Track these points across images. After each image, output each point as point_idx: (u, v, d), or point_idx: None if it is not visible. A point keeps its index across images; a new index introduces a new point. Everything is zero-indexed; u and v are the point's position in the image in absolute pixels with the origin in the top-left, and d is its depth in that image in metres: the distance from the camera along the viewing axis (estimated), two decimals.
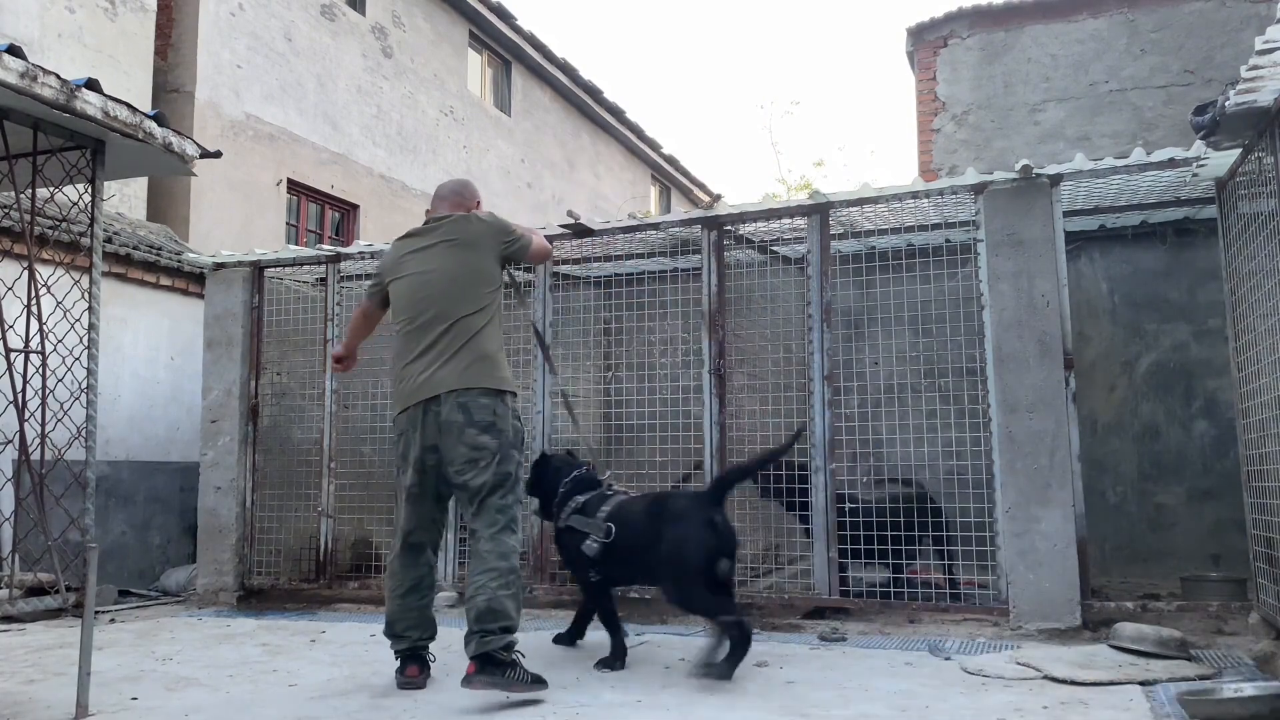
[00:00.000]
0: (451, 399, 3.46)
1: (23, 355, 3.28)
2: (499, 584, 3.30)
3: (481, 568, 3.35)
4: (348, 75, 10.89)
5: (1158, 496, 5.98)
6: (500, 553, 3.37)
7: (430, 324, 3.58)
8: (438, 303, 3.59)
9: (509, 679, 3.20)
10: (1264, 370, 3.80)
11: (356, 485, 6.15)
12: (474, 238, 3.69)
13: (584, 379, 5.93)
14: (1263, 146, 3.67)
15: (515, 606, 3.33)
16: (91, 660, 3.23)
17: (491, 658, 3.22)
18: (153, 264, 7.09)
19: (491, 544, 3.38)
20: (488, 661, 3.22)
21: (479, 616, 3.27)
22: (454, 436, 3.45)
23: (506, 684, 3.20)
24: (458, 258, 3.64)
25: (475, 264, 3.65)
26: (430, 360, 3.53)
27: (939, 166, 8.96)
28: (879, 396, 5.35)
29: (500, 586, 3.29)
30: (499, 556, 3.36)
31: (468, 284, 3.61)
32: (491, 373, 3.53)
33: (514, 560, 3.40)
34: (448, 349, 3.52)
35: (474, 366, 3.50)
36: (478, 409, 3.45)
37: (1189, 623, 4.26)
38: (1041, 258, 4.61)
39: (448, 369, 3.49)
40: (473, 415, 3.44)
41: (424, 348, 3.56)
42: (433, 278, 3.63)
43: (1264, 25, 3.22)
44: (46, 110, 3.14)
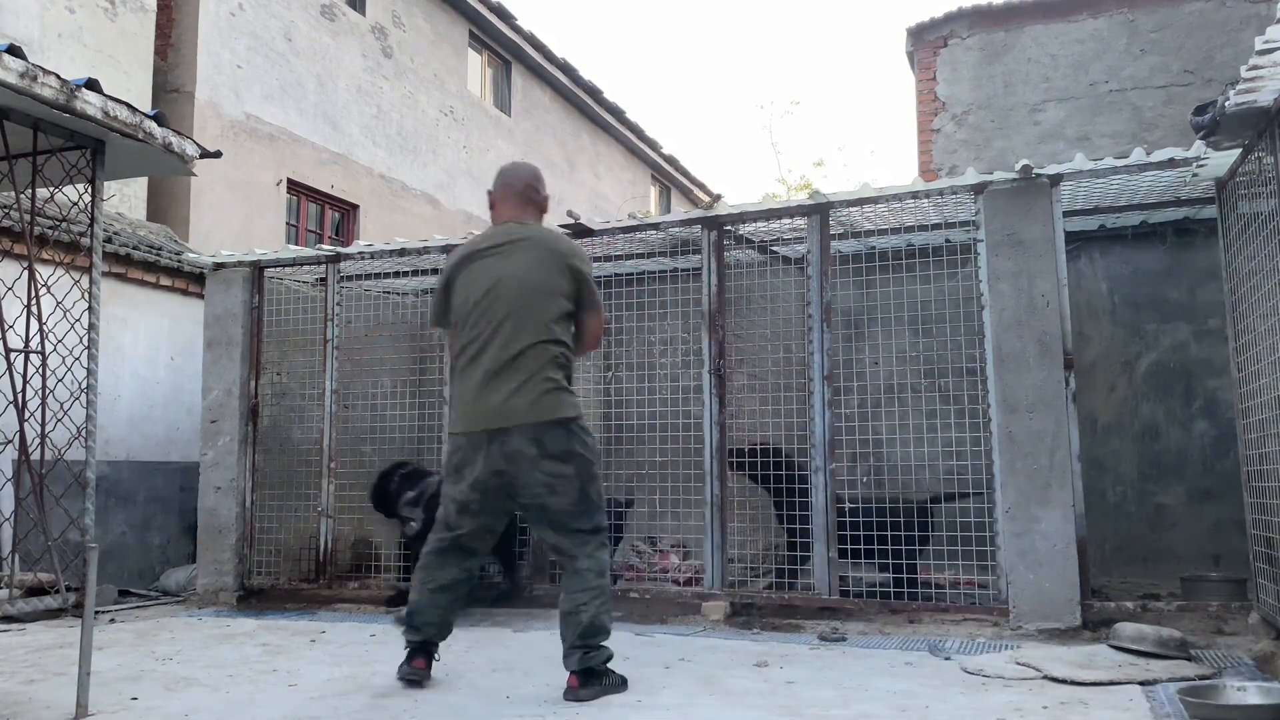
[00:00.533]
0: (522, 431, 3.35)
1: (23, 355, 3.28)
2: (600, 601, 3.35)
3: (581, 585, 3.36)
4: (348, 75, 10.89)
5: (1158, 496, 5.98)
6: (598, 570, 3.40)
7: (499, 342, 3.43)
8: (509, 318, 3.43)
9: (607, 686, 3.34)
10: (1264, 370, 3.80)
11: (356, 485, 6.14)
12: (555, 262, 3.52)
13: (584, 379, 5.93)
14: (1263, 146, 3.66)
15: (610, 618, 3.41)
16: (91, 660, 3.22)
17: (594, 671, 3.32)
18: (153, 264, 7.09)
19: (589, 561, 3.40)
20: (590, 675, 3.32)
21: (584, 633, 3.30)
22: (528, 465, 3.35)
23: (605, 691, 3.33)
24: (534, 271, 3.49)
25: (552, 284, 3.49)
26: (499, 384, 3.39)
27: (939, 166, 8.96)
28: (879, 396, 5.35)
29: (602, 604, 3.35)
30: (597, 574, 3.39)
31: (544, 300, 3.46)
32: (563, 401, 3.42)
33: (609, 576, 3.48)
34: (517, 373, 3.39)
35: (547, 397, 3.38)
36: (552, 440, 3.36)
37: (1189, 623, 4.26)
38: (1041, 258, 4.61)
39: (518, 398, 3.36)
40: (547, 447, 3.35)
41: (493, 367, 3.42)
42: (505, 288, 3.46)
43: (1264, 25, 3.22)
44: (46, 110, 3.14)
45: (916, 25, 9.35)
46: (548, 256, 3.52)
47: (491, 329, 3.43)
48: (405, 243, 6.20)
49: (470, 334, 3.49)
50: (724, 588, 5.05)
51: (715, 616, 4.95)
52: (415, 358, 6.79)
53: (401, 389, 6.39)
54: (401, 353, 6.76)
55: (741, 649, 4.27)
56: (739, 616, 4.96)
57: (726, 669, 3.81)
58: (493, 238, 3.63)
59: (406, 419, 6.29)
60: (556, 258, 3.52)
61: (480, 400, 3.40)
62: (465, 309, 3.52)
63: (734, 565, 5.17)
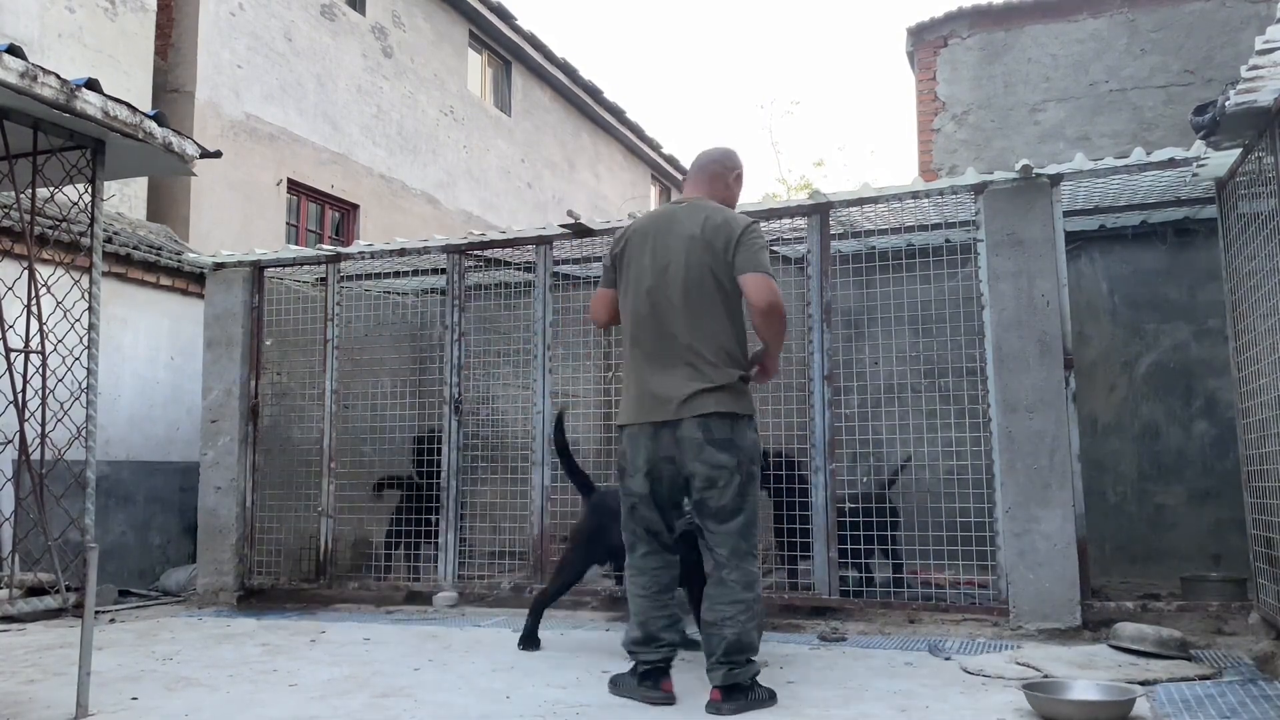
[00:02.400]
0: (693, 422, 3.26)
1: (23, 355, 3.28)
2: (746, 616, 3.19)
3: (728, 598, 3.20)
4: (348, 75, 10.89)
5: (1158, 496, 5.98)
6: (746, 582, 3.22)
7: (670, 332, 3.33)
8: (676, 308, 3.32)
9: (752, 701, 3.19)
10: (1264, 370, 3.80)
11: (356, 485, 6.15)
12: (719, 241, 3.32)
13: (584, 379, 5.93)
14: (1263, 146, 3.66)
15: (759, 635, 3.27)
16: (91, 660, 3.23)
17: (738, 686, 3.19)
18: (153, 264, 7.09)
19: (737, 573, 3.22)
20: (735, 690, 3.19)
21: (729, 649, 3.18)
22: (692, 453, 3.24)
23: (750, 706, 3.18)
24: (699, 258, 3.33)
25: (715, 269, 3.32)
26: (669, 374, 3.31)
27: (939, 166, 8.96)
28: (879, 396, 5.35)
29: (749, 619, 3.19)
30: (744, 587, 3.21)
31: (711, 289, 3.31)
32: (737, 398, 3.30)
33: (758, 589, 3.26)
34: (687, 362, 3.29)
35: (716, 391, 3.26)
36: (719, 428, 3.24)
37: (1189, 623, 4.26)
38: (1041, 258, 4.61)
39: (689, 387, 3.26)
40: (713, 433, 3.22)
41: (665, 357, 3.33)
42: (672, 275, 3.34)
43: (1264, 25, 3.22)
44: (46, 110, 3.14)
45: (916, 25, 9.35)
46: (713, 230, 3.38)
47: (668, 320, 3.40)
48: (405, 243, 6.20)
49: (635, 320, 3.47)
50: None
51: None
52: (415, 358, 6.80)
53: (401, 389, 6.39)
54: (401, 353, 6.77)
55: None
56: None
57: None
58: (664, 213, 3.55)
59: (406, 419, 6.29)
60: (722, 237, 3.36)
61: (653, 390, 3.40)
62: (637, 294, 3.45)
63: None
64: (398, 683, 3.67)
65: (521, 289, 6.11)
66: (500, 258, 6.12)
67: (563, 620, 5.13)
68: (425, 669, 3.93)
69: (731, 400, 3.26)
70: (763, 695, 3.23)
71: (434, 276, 6.45)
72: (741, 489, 3.24)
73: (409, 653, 4.29)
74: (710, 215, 3.38)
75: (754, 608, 3.21)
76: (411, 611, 5.55)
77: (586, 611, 5.25)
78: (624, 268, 3.50)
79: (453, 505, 5.75)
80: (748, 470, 3.26)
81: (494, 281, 6.46)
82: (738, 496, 3.23)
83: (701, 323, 3.30)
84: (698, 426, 3.22)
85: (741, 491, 3.24)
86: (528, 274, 5.99)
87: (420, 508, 5.96)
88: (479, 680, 3.70)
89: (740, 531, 3.24)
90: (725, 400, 3.24)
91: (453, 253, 5.95)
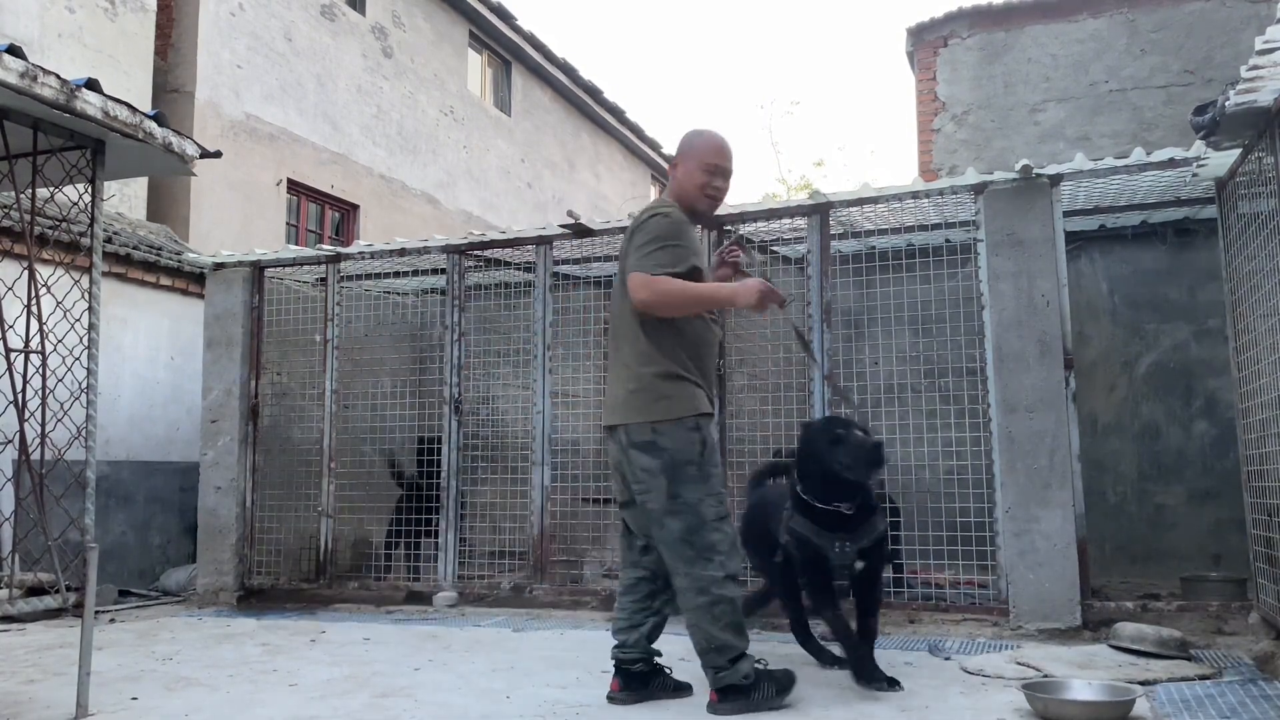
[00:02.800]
0: (621, 428, 3.26)
1: (23, 355, 3.28)
2: (708, 619, 3.10)
3: (685, 605, 3.14)
4: (348, 75, 10.89)
5: (1158, 496, 5.98)
6: (697, 588, 3.10)
7: (614, 337, 3.38)
8: (614, 313, 3.42)
9: (755, 701, 3.11)
10: (1264, 370, 3.80)
11: (356, 485, 6.15)
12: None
13: (584, 379, 5.93)
14: (1263, 146, 3.66)
15: (734, 634, 3.12)
16: (91, 660, 3.23)
17: (734, 687, 3.13)
18: (153, 264, 7.09)
19: (686, 580, 3.13)
20: (731, 691, 3.13)
21: (702, 654, 3.14)
22: (625, 459, 3.28)
23: (753, 706, 3.11)
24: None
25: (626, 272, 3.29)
26: (611, 379, 3.35)
27: (939, 166, 8.96)
28: (879, 396, 5.35)
29: (710, 622, 3.09)
30: (697, 591, 3.11)
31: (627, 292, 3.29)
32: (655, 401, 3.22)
33: (717, 590, 3.10)
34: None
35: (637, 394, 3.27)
36: (637, 431, 3.20)
37: (1189, 623, 4.26)
38: (1041, 258, 4.61)
39: (617, 393, 3.31)
40: (633, 437, 3.19)
41: (611, 362, 3.37)
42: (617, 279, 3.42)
43: (1264, 25, 3.22)
44: (46, 110, 3.14)
45: (916, 25, 9.35)
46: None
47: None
48: (405, 243, 6.21)
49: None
50: None
51: None
52: (415, 358, 6.80)
53: (401, 389, 6.40)
54: (401, 353, 6.77)
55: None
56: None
57: None
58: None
59: (406, 419, 6.29)
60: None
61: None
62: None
63: None
64: (398, 683, 3.67)
65: (521, 289, 6.11)
66: (500, 258, 6.13)
67: (562, 620, 5.14)
68: (425, 669, 3.93)
69: (650, 403, 3.16)
70: (769, 693, 3.14)
71: (434, 276, 6.45)
72: (671, 492, 3.12)
73: (409, 653, 4.29)
74: (638, 214, 3.38)
75: (714, 610, 3.09)
76: (411, 611, 5.55)
77: (586, 611, 5.25)
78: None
79: (453, 505, 5.75)
80: (674, 473, 3.12)
81: (494, 281, 6.46)
82: (668, 500, 3.12)
83: (623, 327, 3.30)
84: (624, 431, 3.22)
85: (672, 494, 3.12)
86: (528, 274, 5.98)
87: (421, 507, 5.96)
88: (479, 680, 3.70)
89: (681, 536, 3.12)
90: (642, 404, 3.17)
91: (453, 253, 5.95)
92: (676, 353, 3.21)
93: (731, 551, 3.17)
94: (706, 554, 3.11)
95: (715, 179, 3.35)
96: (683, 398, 3.17)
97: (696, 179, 3.33)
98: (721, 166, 3.35)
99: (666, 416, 3.14)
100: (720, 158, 3.35)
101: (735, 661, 3.12)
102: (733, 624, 3.12)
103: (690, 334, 3.26)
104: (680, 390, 3.18)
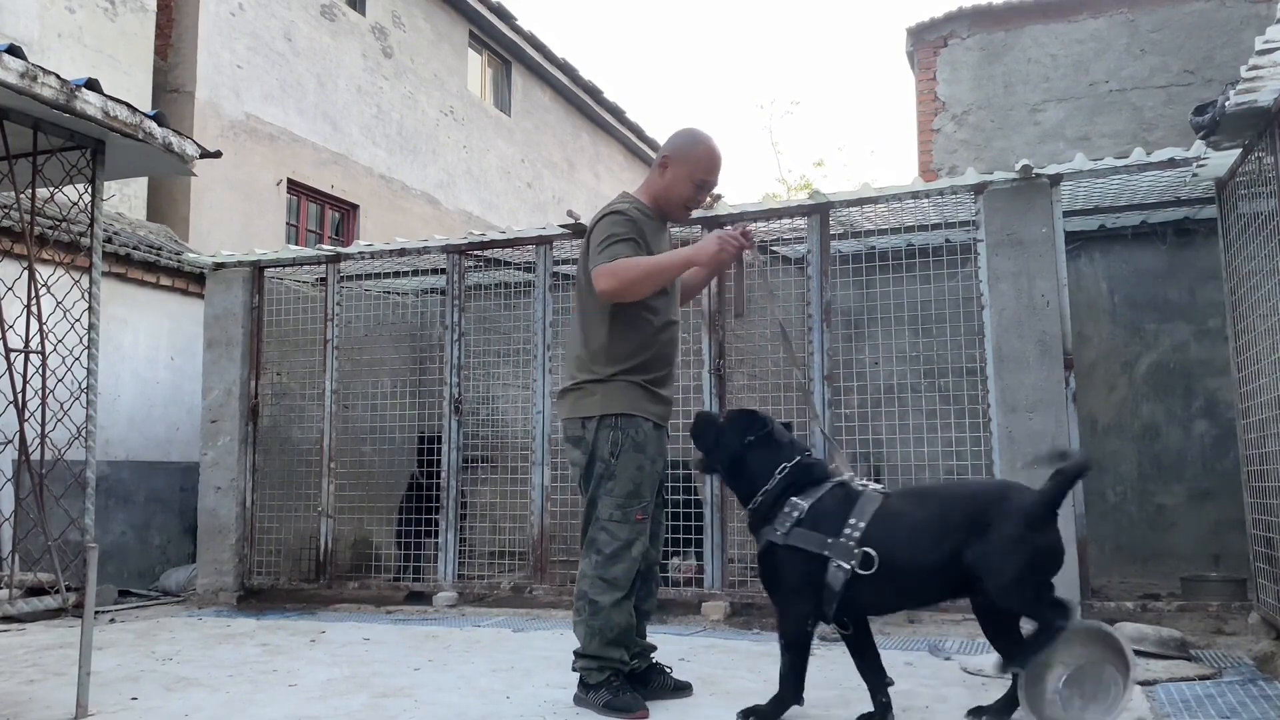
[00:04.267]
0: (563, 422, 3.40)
1: (23, 355, 3.28)
2: (575, 610, 3.24)
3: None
4: (348, 75, 10.89)
5: (1158, 496, 5.98)
6: (581, 572, 3.24)
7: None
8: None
9: (589, 700, 3.19)
10: (1264, 370, 3.80)
11: (356, 485, 6.15)
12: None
13: None
14: (1263, 146, 3.66)
15: (584, 632, 3.18)
16: (91, 660, 3.23)
17: (581, 679, 3.24)
18: (153, 264, 7.09)
19: (584, 562, 3.24)
20: (580, 681, 3.25)
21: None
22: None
23: (585, 704, 3.21)
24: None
25: (581, 271, 3.37)
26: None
27: (939, 166, 8.96)
28: (879, 396, 5.35)
29: (576, 612, 3.23)
30: (580, 576, 3.24)
31: (582, 289, 3.36)
32: (584, 398, 3.32)
33: (583, 585, 3.19)
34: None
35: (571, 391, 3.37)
36: (570, 427, 3.33)
37: (1189, 623, 4.26)
38: (1041, 258, 4.61)
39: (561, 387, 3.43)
40: (568, 432, 3.32)
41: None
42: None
43: (1264, 25, 3.22)
44: (46, 110, 3.14)
45: (916, 25, 9.35)
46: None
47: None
48: (405, 243, 6.20)
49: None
50: (724, 588, 5.05)
51: (715, 616, 4.95)
52: (415, 358, 6.80)
53: (401, 389, 6.39)
54: (401, 353, 6.77)
55: (742, 649, 4.27)
56: (739, 616, 4.96)
57: (726, 669, 3.81)
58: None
59: (406, 419, 6.29)
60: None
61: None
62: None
63: (734, 565, 5.17)
64: (398, 683, 3.67)
65: (521, 289, 6.11)
66: (500, 258, 6.13)
67: (562, 620, 5.13)
68: (425, 669, 3.93)
69: (579, 399, 3.25)
70: (598, 702, 3.15)
71: (434, 276, 6.45)
72: (583, 486, 3.26)
73: (409, 653, 4.29)
74: (597, 212, 3.34)
75: (578, 603, 3.20)
76: (411, 611, 5.55)
77: None
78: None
79: (453, 505, 5.75)
80: (588, 468, 3.21)
81: (494, 281, 6.47)
82: (581, 491, 3.29)
83: (576, 324, 3.36)
84: (563, 425, 3.35)
85: (583, 488, 3.27)
86: (528, 274, 5.98)
87: (423, 507, 5.96)
88: (479, 680, 3.70)
89: (583, 526, 3.26)
90: (574, 400, 3.27)
91: (453, 253, 5.95)
92: (619, 353, 3.22)
93: (613, 556, 3.15)
94: (591, 548, 3.20)
95: (700, 193, 3.33)
96: (612, 397, 3.19)
97: (683, 190, 3.29)
98: (710, 182, 3.34)
99: (590, 413, 3.21)
100: (713, 173, 3.30)
101: (577, 656, 3.22)
102: (583, 623, 3.18)
103: (637, 337, 3.24)
104: (610, 390, 3.20)
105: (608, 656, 3.16)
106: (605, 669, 3.18)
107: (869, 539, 2.77)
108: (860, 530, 2.79)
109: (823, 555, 2.81)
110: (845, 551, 2.78)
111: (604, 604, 3.14)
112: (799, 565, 2.86)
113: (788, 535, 2.87)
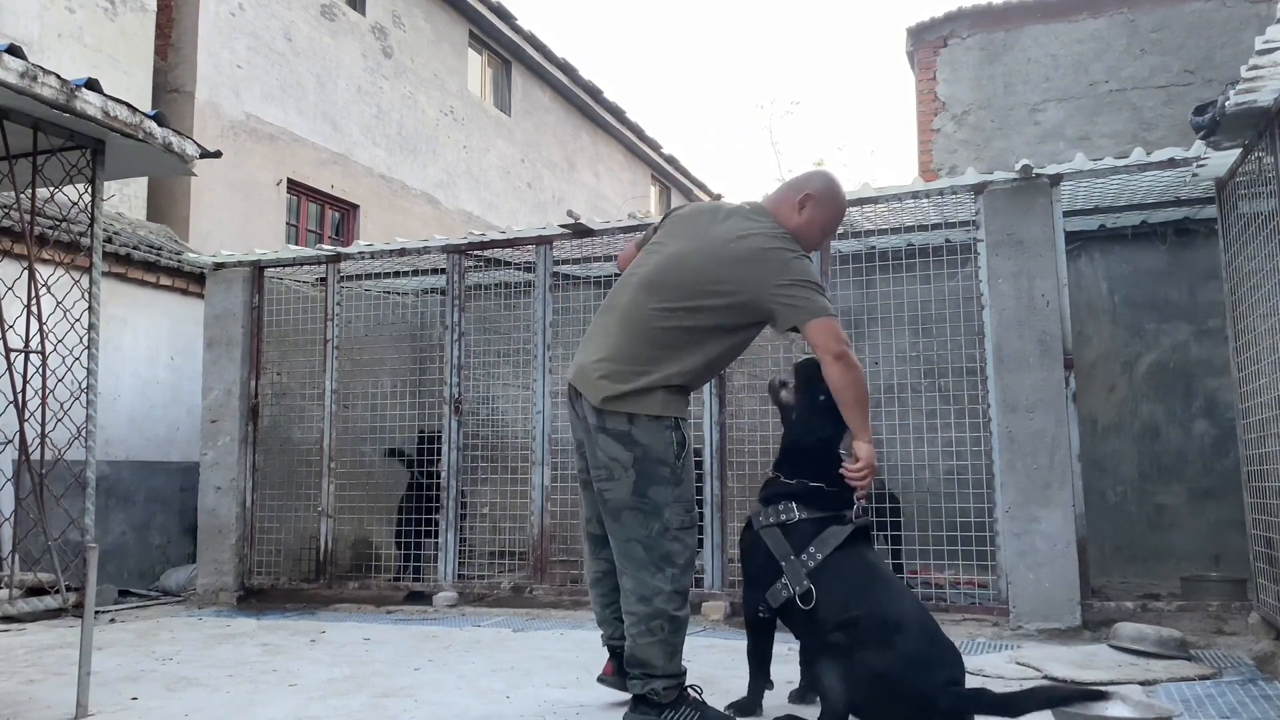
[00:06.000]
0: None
1: (23, 355, 3.28)
2: (638, 630, 2.92)
3: (625, 607, 2.99)
4: (348, 75, 10.89)
5: (1158, 496, 5.98)
6: (640, 595, 2.92)
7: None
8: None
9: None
10: (1264, 370, 3.80)
11: (356, 485, 6.15)
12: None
13: None
14: (1263, 146, 3.66)
15: (662, 652, 2.91)
16: (91, 660, 3.23)
17: (644, 698, 2.95)
18: (153, 264, 7.09)
19: (631, 581, 2.95)
20: (640, 701, 2.99)
21: (627, 660, 2.99)
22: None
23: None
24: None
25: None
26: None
27: (939, 166, 8.97)
28: (879, 396, 5.35)
29: (640, 633, 2.92)
30: (638, 599, 2.92)
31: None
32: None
33: (660, 603, 2.90)
34: None
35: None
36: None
37: (1189, 623, 4.26)
38: (1041, 258, 4.61)
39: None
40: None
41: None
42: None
43: (1264, 25, 3.21)
44: (46, 110, 3.14)
45: (916, 25, 9.36)
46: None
47: None
48: (405, 243, 6.20)
49: None
50: (724, 588, 5.05)
51: (715, 616, 4.95)
52: (415, 358, 6.80)
53: (401, 389, 6.39)
54: (401, 353, 6.77)
55: (742, 648, 4.24)
56: (739, 616, 4.94)
57: (727, 669, 3.81)
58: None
59: (406, 419, 6.29)
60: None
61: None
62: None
63: (734, 565, 5.17)
64: (398, 683, 3.67)
65: (521, 289, 6.11)
66: (500, 258, 6.13)
67: (562, 620, 5.14)
68: (425, 669, 3.93)
69: (633, 395, 2.97)
70: (686, 717, 2.92)
71: (434, 276, 6.45)
72: (638, 489, 2.93)
73: (409, 653, 4.29)
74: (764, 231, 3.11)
75: (650, 624, 2.90)
76: (411, 611, 5.55)
77: (586, 611, 5.24)
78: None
79: (453, 505, 5.75)
80: (645, 470, 2.93)
81: (494, 281, 6.47)
82: (633, 496, 2.94)
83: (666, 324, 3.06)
84: (593, 412, 3.01)
85: (639, 491, 2.94)
86: (528, 274, 5.98)
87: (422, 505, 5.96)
88: (479, 680, 3.70)
89: (638, 537, 2.95)
90: (625, 390, 2.96)
91: (453, 253, 5.95)
92: (697, 369, 3.07)
93: (687, 567, 2.98)
94: (659, 562, 2.92)
95: (822, 242, 3.52)
96: (672, 399, 3.00)
97: (813, 235, 3.19)
98: (832, 237, 3.44)
99: (646, 412, 2.94)
100: (837, 229, 3.55)
101: (647, 678, 2.94)
102: (662, 642, 2.92)
103: (719, 364, 3.19)
104: (671, 393, 3.01)
105: (682, 672, 3.01)
106: (679, 685, 2.97)
107: (818, 575, 2.82)
108: (816, 561, 2.84)
109: (779, 564, 2.88)
110: (796, 574, 2.85)
111: (682, 619, 2.96)
112: (760, 560, 2.97)
113: (765, 529, 2.96)
